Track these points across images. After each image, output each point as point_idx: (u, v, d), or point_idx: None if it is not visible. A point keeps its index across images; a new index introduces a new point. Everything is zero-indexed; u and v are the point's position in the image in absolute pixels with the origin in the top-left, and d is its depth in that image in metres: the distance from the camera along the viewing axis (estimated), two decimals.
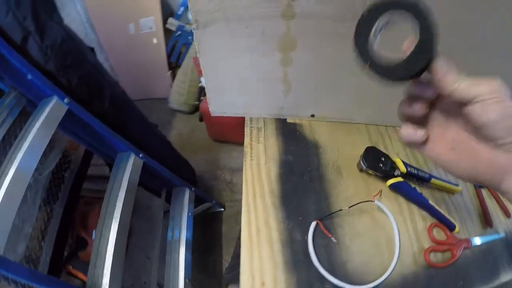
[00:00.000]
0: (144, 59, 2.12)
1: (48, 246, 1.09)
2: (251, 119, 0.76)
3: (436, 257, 0.60)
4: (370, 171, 0.66)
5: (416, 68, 0.33)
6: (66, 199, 1.14)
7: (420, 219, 0.64)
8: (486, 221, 0.67)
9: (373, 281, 0.56)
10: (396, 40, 0.33)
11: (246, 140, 0.72)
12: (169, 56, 2.27)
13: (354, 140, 0.73)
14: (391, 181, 0.66)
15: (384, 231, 0.62)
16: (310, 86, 0.69)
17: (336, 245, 0.59)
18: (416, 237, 0.62)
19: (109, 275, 0.93)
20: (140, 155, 1.04)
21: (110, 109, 1.04)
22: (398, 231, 0.61)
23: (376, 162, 0.67)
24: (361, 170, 0.68)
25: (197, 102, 2.15)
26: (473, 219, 0.67)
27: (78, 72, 0.95)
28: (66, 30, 0.87)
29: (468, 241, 0.62)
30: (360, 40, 0.36)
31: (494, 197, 0.71)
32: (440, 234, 0.63)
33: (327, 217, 0.62)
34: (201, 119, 1.85)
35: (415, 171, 0.68)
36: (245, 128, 0.74)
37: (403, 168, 0.67)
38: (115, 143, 1.04)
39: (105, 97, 1.03)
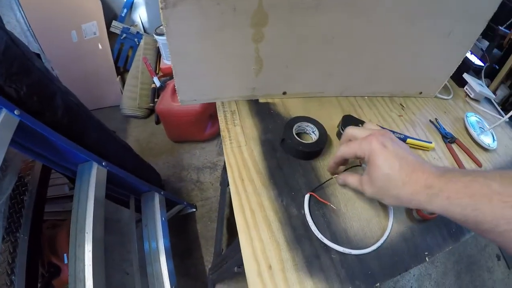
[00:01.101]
0: (90, 67, 1.88)
1: (20, 279, 0.90)
2: (222, 103, 0.67)
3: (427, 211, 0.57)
4: None
5: (321, 146, 0.60)
6: (30, 225, 0.96)
7: None
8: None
9: (376, 242, 0.52)
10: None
11: (222, 124, 0.64)
12: (116, 61, 2.03)
13: (328, 112, 0.69)
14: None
15: None
16: (281, 62, 0.62)
17: (333, 214, 0.54)
18: None
19: None
20: (103, 164, 0.90)
21: (65, 118, 0.88)
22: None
23: None
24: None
25: (151, 104, 1.95)
26: None
27: (26, 80, 0.78)
28: (10, 34, 0.70)
29: None
30: (289, 134, 0.60)
31: (464, 151, 0.70)
32: None
33: (318, 188, 0.56)
34: (157, 122, 1.68)
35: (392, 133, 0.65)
36: (218, 113, 0.66)
37: None
38: (74, 154, 0.89)
39: (58, 105, 0.87)
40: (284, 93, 0.68)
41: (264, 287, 0.48)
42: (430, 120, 0.74)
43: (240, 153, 0.60)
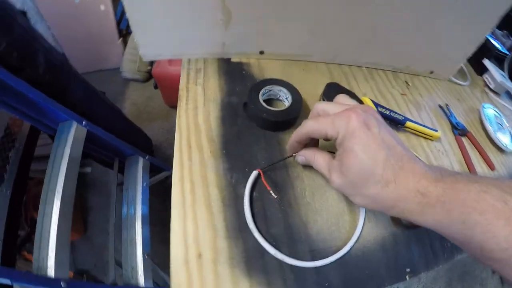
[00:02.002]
0: (92, 28, 1.70)
1: None
2: (189, 60, 0.53)
3: None
4: None
5: (292, 116, 0.44)
6: (14, 181, 0.89)
7: None
8: (469, 170, 0.49)
9: (342, 246, 0.36)
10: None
11: (182, 82, 0.50)
12: (118, 23, 1.83)
13: (313, 78, 0.53)
14: None
15: None
16: (253, 14, 0.47)
17: (295, 203, 0.39)
18: None
19: (54, 257, 0.69)
20: (83, 123, 0.80)
21: (47, 76, 0.79)
22: None
23: None
24: None
25: (149, 68, 1.77)
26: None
27: (6, 37, 0.70)
28: None
29: None
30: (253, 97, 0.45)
31: (476, 147, 0.52)
32: None
33: (276, 166, 0.41)
34: (156, 86, 1.54)
35: (388, 112, 0.48)
36: (181, 71, 0.51)
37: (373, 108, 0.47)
38: (55, 112, 0.79)
39: (40, 63, 0.78)
40: (262, 52, 0.53)
41: (189, 279, 0.35)
42: (439, 105, 0.56)
43: (195, 116, 0.46)
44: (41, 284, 0.65)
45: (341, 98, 0.35)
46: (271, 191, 0.37)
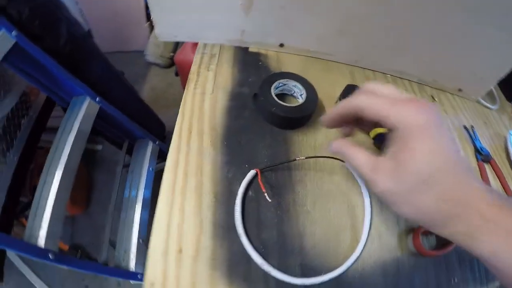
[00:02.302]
0: (120, 8, 1.62)
1: (0, 196, 0.83)
2: (205, 45, 0.50)
3: (429, 242, 0.35)
4: None
5: (304, 113, 0.39)
6: (22, 148, 0.88)
7: None
8: None
9: (338, 265, 0.31)
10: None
11: (194, 67, 0.47)
12: (147, 6, 1.71)
13: (333, 79, 0.48)
14: (377, 130, 0.40)
15: (363, 201, 0.37)
16: (277, 0, 0.42)
17: (293, 208, 0.34)
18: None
19: (46, 228, 0.67)
20: (97, 99, 0.79)
21: (67, 48, 0.78)
22: (370, 204, 0.37)
23: None
24: None
25: (172, 54, 1.73)
26: None
27: (30, 3, 0.69)
28: None
29: None
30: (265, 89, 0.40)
31: (498, 176, 0.46)
32: None
33: (275, 167, 0.36)
34: (176, 74, 1.49)
35: None
36: (195, 55, 0.48)
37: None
38: (70, 85, 0.78)
39: (61, 34, 0.76)
40: (281, 45, 0.48)
41: (165, 273, 0.32)
42: (464, 126, 0.50)
43: (201, 101, 0.42)
44: (29, 252, 0.63)
45: (391, 88, 0.27)
46: (265, 194, 0.32)
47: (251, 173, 0.34)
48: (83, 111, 0.77)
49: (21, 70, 0.74)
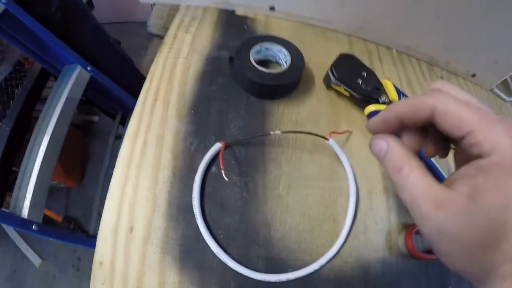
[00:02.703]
0: None
1: None
2: (187, 7, 0.43)
3: (423, 244, 0.28)
4: (342, 88, 0.34)
5: (286, 81, 0.33)
6: (16, 118, 0.84)
7: None
8: None
9: (310, 262, 0.26)
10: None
11: (171, 30, 0.40)
12: None
13: (328, 48, 0.41)
14: (372, 107, 0.33)
15: (347, 189, 0.30)
16: None
17: (261, 192, 0.29)
18: (397, 207, 0.30)
19: (30, 198, 0.64)
20: (88, 68, 0.74)
21: (58, 15, 0.72)
22: (357, 193, 0.30)
23: (352, 76, 0.34)
24: (328, 86, 0.36)
25: None
26: None
27: None
28: None
29: None
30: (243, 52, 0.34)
31: None
32: None
33: (246, 142, 0.30)
34: None
35: None
36: (175, 18, 0.41)
37: (394, 95, 0.35)
38: (61, 53, 0.73)
39: (52, 0, 0.70)
40: (272, 8, 0.41)
41: (113, 252, 0.27)
42: None
43: (173, 66, 0.36)
44: (13, 223, 0.60)
45: (469, 96, 0.19)
46: (223, 171, 0.26)
47: (216, 146, 0.28)
48: (73, 79, 0.73)
49: (12, 38, 0.69)
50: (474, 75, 0.47)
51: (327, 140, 0.30)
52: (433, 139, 0.20)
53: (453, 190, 0.16)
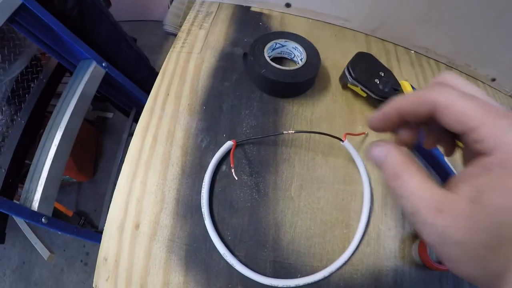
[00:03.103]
0: None
1: (5, 158, 0.82)
2: (202, 2, 0.42)
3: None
4: (359, 88, 0.33)
5: (301, 79, 0.31)
6: (31, 111, 0.86)
7: None
8: None
9: (320, 268, 0.24)
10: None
11: (185, 25, 0.40)
12: None
13: (345, 47, 0.39)
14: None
15: (361, 193, 0.29)
16: None
17: (271, 193, 0.28)
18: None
19: (41, 191, 0.65)
20: (103, 64, 0.75)
21: (75, 11, 0.73)
22: (371, 197, 0.28)
23: (369, 76, 0.33)
24: (344, 85, 0.34)
25: None
26: None
27: None
28: None
29: None
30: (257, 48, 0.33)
31: None
32: None
33: (258, 140, 0.29)
34: None
35: None
36: (190, 13, 0.41)
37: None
38: (77, 49, 0.74)
39: None
40: (288, 5, 0.40)
41: (119, 248, 0.27)
42: None
43: (186, 61, 0.36)
44: (23, 215, 0.61)
45: (479, 90, 0.17)
46: (233, 170, 0.25)
47: (227, 144, 0.27)
48: (88, 75, 0.74)
49: (29, 32, 0.71)
50: (493, 80, 0.44)
51: (342, 141, 0.29)
52: (438, 136, 0.19)
53: (455, 193, 0.15)
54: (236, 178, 0.26)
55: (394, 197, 0.16)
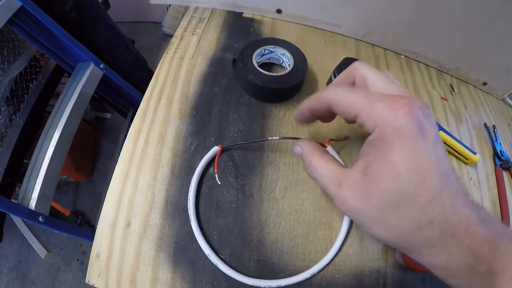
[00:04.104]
0: None
1: (3, 158, 0.84)
2: (196, 9, 0.44)
3: None
4: None
5: (288, 85, 0.32)
6: (29, 112, 0.88)
7: None
8: (501, 215, 0.35)
9: (302, 268, 0.26)
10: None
11: (178, 31, 0.42)
12: None
13: (334, 53, 0.41)
14: None
15: None
16: None
17: (256, 194, 0.29)
18: None
19: (39, 190, 0.66)
20: (101, 66, 0.76)
21: (74, 13, 0.75)
22: None
23: None
24: None
25: None
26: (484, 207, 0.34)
27: None
28: None
29: None
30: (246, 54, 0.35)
31: None
32: None
33: (251, 145, 0.31)
34: None
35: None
36: (183, 19, 0.43)
37: None
38: (75, 51, 0.76)
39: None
40: (279, 11, 0.42)
41: (110, 246, 0.28)
42: (485, 124, 0.41)
43: (178, 67, 0.37)
44: (20, 214, 0.62)
45: (387, 79, 0.20)
46: (216, 175, 0.26)
47: (214, 149, 0.29)
48: (86, 76, 0.75)
49: (28, 34, 0.73)
50: (485, 84, 0.46)
51: (325, 147, 0.30)
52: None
53: (351, 169, 0.19)
54: (219, 183, 0.27)
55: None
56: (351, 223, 0.29)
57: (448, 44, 0.42)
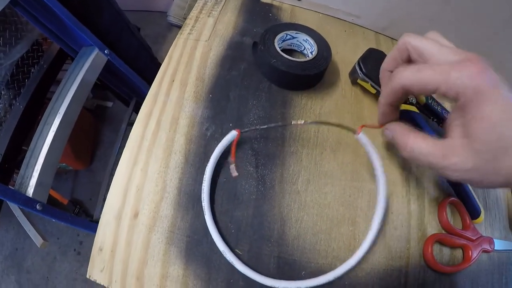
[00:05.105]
0: None
1: (2, 144, 0.79)
2: None
3: (441, 254, 0.25)
4: (369, 85, 0.31)
5: (311, 72, 0.29)
6: (30, 97, 0.83)
7: (432, 186, 0.29)
8: None
9: (326, 269, 0.23)
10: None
11: (193, 12, 0.38)
12: None
13: (354, 44, 0.38)
14: (404, 107, 0.31)
15: (369, 190, 0.27)
16: None
17: (277, 186, 0.26)
18: (419, 213, 0.27)
19: (37, 177, 0.62)
20: (106, 52, 0.72)
21: None
22: (386, 196, 0.26)
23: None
24: (354, 81, 0.33)
25: None
26: (501, 212, 0.32)
27: None
28: None
29: (490, 241, 0.28)
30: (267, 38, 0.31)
31: None
32: (455, 218, 0.28)
33: (265, 132, 0.27)
34: None
35: (441, 111, 0.32)
36: (198, 0, 0.39)
37: (421, 96, 0.32)
38: (79, 35, 0.72)
39: None
40: None
41: (115, 238, 0.25)
42: None
43: (193, 48, 0.34)
44: (17, 201, 0.58)
45: (435, 35, 0.23)
46: (232, 165, 0.23)
47: (232, 134, 0.26)
48: (90, 62, 0.71)
49: (31, 16, 0.68)
50: None
51: (357, 134, 0.27)
52: None
53: (450, 138, 0.20)
54: (234, 175, 0.24)
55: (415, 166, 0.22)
56: (382, 221, 0.26)
57: (467, 41, 0.39)
